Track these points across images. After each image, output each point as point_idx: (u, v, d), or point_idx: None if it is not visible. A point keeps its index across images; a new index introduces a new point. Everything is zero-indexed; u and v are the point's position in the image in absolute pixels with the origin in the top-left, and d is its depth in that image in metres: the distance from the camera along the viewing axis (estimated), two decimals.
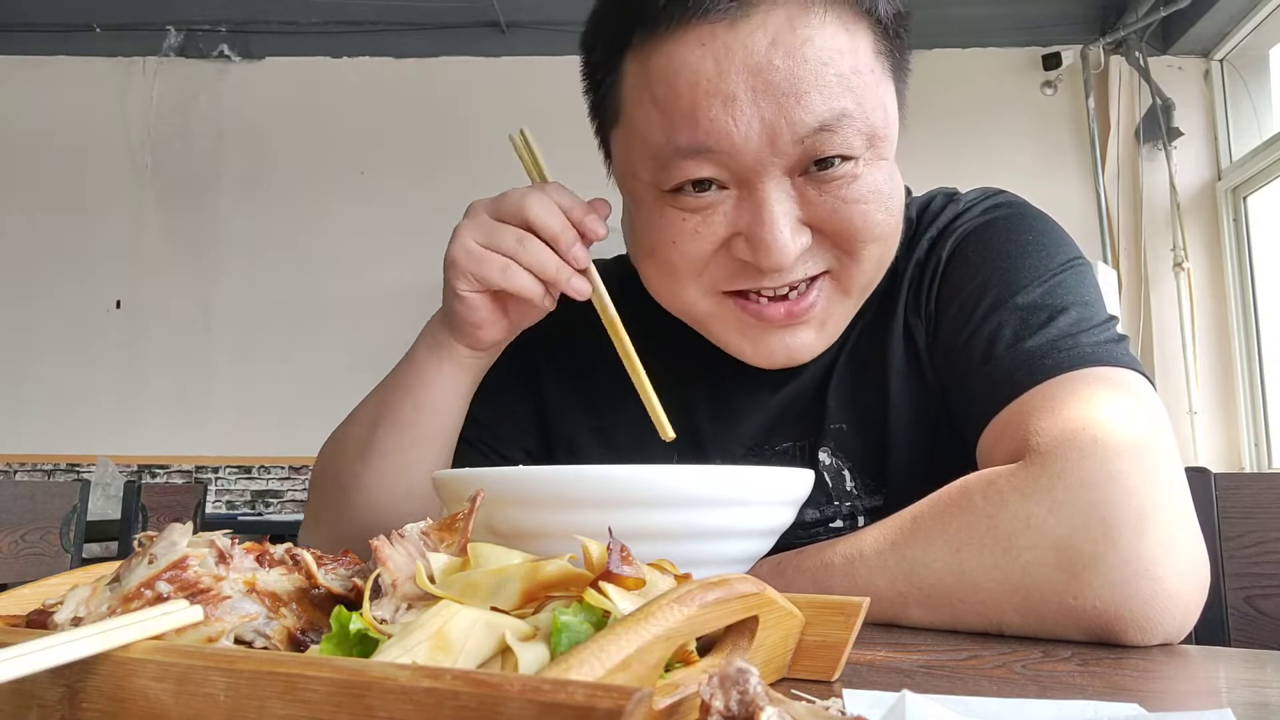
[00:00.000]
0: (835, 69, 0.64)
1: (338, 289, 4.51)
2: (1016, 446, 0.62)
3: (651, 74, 0.66)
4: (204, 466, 4.52)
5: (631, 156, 0.70)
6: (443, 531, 0.40)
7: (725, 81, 0.63)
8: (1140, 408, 0.62)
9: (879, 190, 0.68)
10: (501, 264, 0.69)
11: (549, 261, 0.70)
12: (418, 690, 0.24)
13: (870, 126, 0.66)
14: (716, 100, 0.63)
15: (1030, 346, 0.68)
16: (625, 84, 0.69)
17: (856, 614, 0.42)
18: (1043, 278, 0.72)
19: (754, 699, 0.24)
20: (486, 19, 4.48)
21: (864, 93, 0.65)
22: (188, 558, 0.35)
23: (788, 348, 0.72)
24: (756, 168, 0.65)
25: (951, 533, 0.60)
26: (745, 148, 0.64)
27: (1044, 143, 4.39)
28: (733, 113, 0.63)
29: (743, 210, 0.67)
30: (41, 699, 0.29)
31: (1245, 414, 4.01)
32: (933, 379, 0.76)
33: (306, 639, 0.36)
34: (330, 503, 0.81)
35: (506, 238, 0.70)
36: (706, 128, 0.64)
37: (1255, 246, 4.04)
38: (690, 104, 0.64)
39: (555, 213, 0.70)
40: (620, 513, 0.49)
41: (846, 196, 0.67)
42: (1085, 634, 0.56)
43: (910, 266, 0.79)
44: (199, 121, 4.67)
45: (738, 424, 0.81)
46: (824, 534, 0.77)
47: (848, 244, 0.69)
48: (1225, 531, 0.99)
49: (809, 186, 0.66)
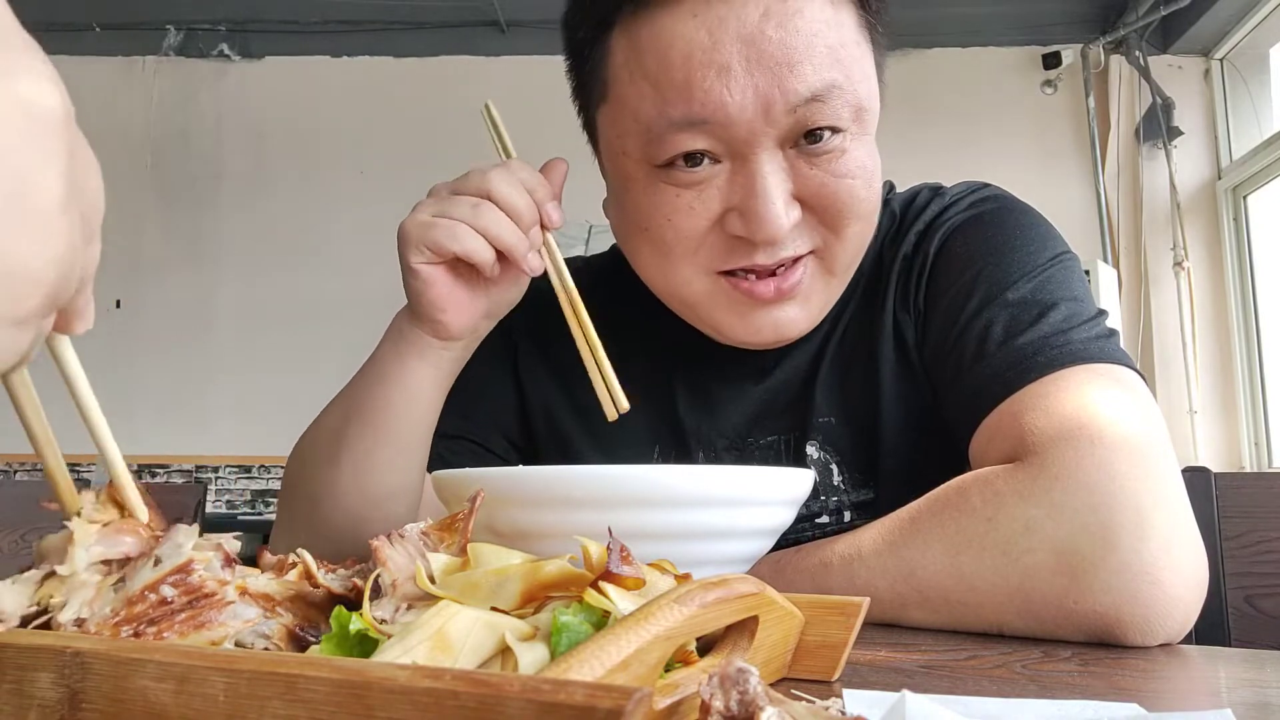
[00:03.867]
0: (824, 41, 0.65)
1: (338, 289, 4.50)
2: (1012, 446, 0.62)
3: (642, 47, 0.66)
4: (204, 466, 4.52)
5: (621, 132, 0.70)
6: (443, 531, 0.40)
7: (719, 52, 0.63)
8: (1134, 403, 0.62)
9: (864, 165, 0.69)
10: (450, 227, 0.67)
11: (506, 229, 0.67)
12: (418, 690, 0.24)
13: (857, 99, 0.67)
14: (711, 71, 0.64)
15: (1021, 344, 0.68)
16: (613, 60, 0.69)
17: (856, 614, 0.42)
18: (1031, 273, 0.72)
19: (754, 699, 0.24)
20: (486, 19, 4.47)
21: (851, 65, 0.66)
22: (193, 561, 0.35)
23: (776, 323, 0.73)
24: (749, 139, 0.65)
25: (950, 535, 0.59)
26: (740, 117, 0.64)
27: (1044, 142, 4.39)
28: (727, 82, 0.64)
29: (736, 184, 0.67)
30: (41, 699, 0.29)
31: (1245, 413, 4.01)
32: (923, 375, 0.76)
33: (306, 635, 0.36)
34: (301, 512, 0.77)
35: (461, 205, 0.68)
36: (701, 99, 0.64)
37: (1255, 246, 4.04)
38: (684, 75, 0.64)
39: (519, 189, 0.68)
40: (620, 513, 0.49)
41: (835, 170, 0.68)
42: (1086, 636, 0.56)
43: (897, 261, 0.79)
44: (199, 121, 4.67)
45: (721, 416, 0.81)
46: (810, 529, 0.77)
47: (834, 220, 0.70)
48: (1225, 531, 0.99)
49: (799, 159, 0.67)
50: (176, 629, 0.34)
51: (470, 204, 0.68)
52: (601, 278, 0.84)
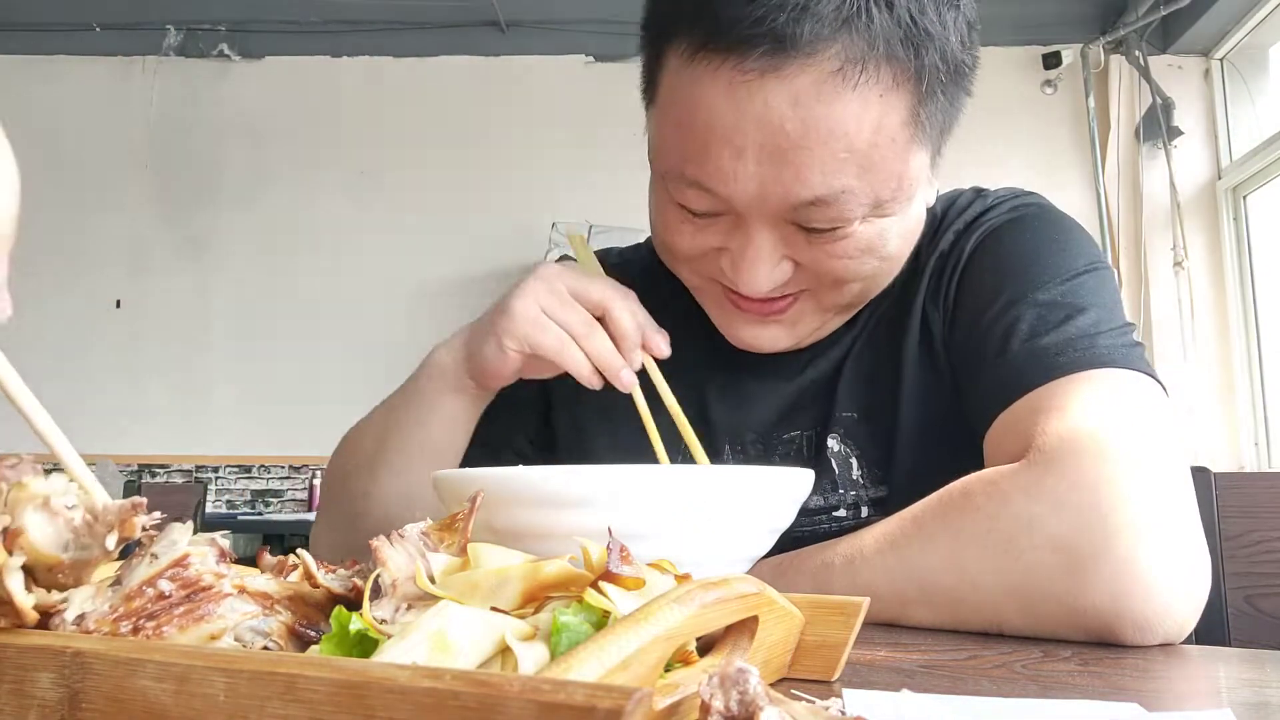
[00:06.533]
0: (846, 144, 0.63)
1: (338, 289, 4.50)
2: (1023, 444, 0.62)
3: (679, 93, 0.67)
4: (204, 466, 4.52)
5: (654, 144, 0.72)
6: (443, 531, 0.40)
7: (737, 133, 0.63)
8: (1151, 414, 0.62)
9: (871, 245, 0.69)
10: (561, 338, 0.70)
11: (610, 355, 0.70)
12: (418, 690, 0.24)
13: (874, 198, 0.66)
14: (726, 150, 0.64)
15: (1045, 343, 0.68)
16: (663, 75, 0.69)
17: (856, 614, 0.42)
18: (1064, 277, 0.72)
19: (754, 699, 0.24)
20: (486, 19, 4.47)
21: (878, 165, 0.64)
22: (189, 555, 0.35)
23: (756, 338, 0.75)
24: (747, 213, 0.67)
25: (952, 532, 0.59)
26: (740, 197, 0.66)
27: (1044, 142, 4.39)
28: (735, 166, 0.64)
29: (733, 236, 0.69)
30: (42, 699, 0.29)
31: (1245, 414, 4.01)
32: (947, 371, 0.77)
33: (307, 632, 0.36)
34: (342, 513, 0.83)
35: (577, 318, 0.70)
36: (711, 171, 0.65)
37: (1255, 245, 4.04)
38: (703, 143, 0.65)
39: (634, 317, 0.71)
40: (620, 513, 0.49)
41: (833, 251, 0.68)
42: (1085, 633, 0.56)
43: (933, 258, 0.79)
44: (199, 121, 4.67)
45: (750, 410, 0.82)
46: (826, 522, 0.78)
47: (826, 284, 0.71)
48: (1225, 531, 0.99)
49: (798, 234, 0.68)
50: (175, 623, 0.34)
51: (585, 320, 0.70)
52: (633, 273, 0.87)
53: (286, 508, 4.49)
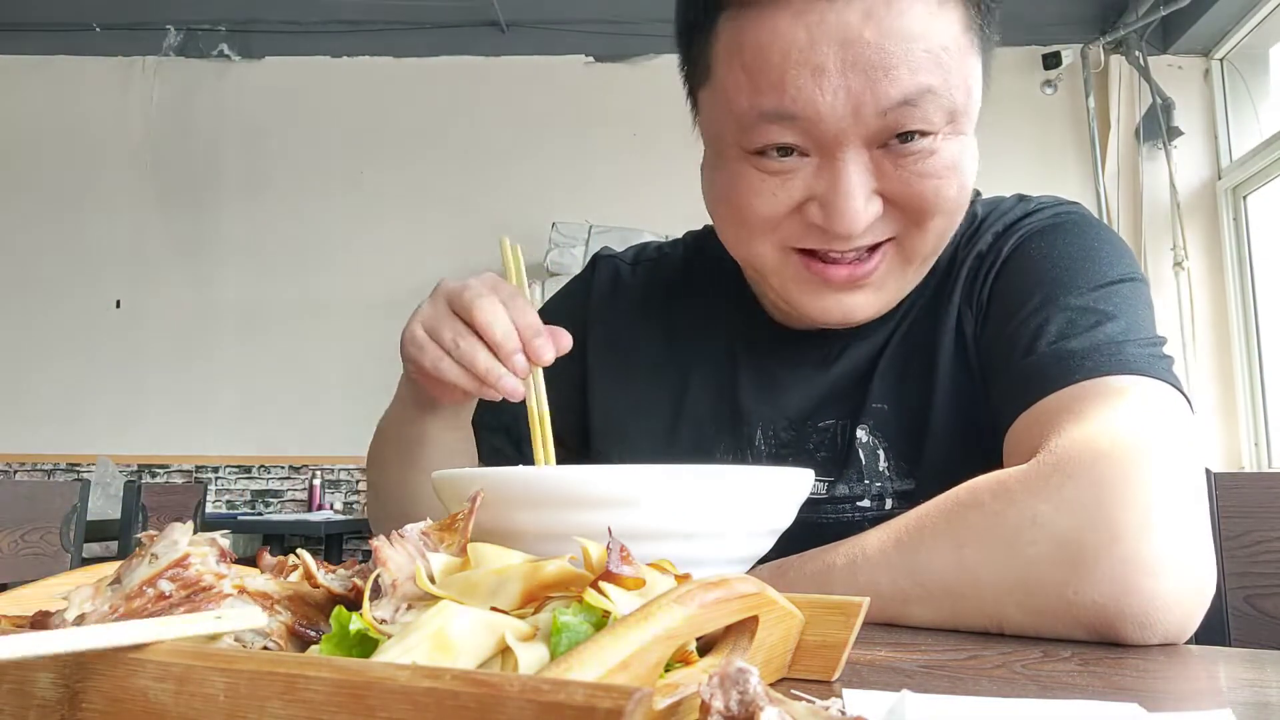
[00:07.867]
0: (924, 44, 0.65)
1: (338, 289, 4.51)
2: (1039, 442, 0.62)
3: (744, 40, 0.67)
4: (204, 466, 4.53)
5: (717, 116, 0.72)
6: (443, 531, 0.40)
7: (815, 52, 0.64)
8: (1171, 424, 0.62)
9: (953, 165, 0.69)
10: (436, 355, 0.69)
11: (485, 364, 0.67)
12: (418, 690, 0.24)
13: (952, 102, 0.67)
14: (805, 70, 0.65)
15: (1072, 347, 0.68)
16: (717, 46, 0.70)
17: (856, 614, 0.42)
18: (1098, 284, 0.73)
19: (754, 699, 0.24)
20: (486, 19, 4.47)
21: (950, 69, 0.66)
22: (189, 555, 0.35)
23: (844, 307, 0.74)
24: (838, 137, 0.67)
25: (956, 530, 0.60)
26: (830, 116, 0.65)
27: (1044, 142, 4.39)
28: (820, 83, 0.65)
29: (820, 177, 0.69)
30: (42, 699, 0.29)
31: (1245, 413, 4.01)
32: (977, 370, 0.77)
33: (307, 631, 0.36)
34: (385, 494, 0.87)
35: (445, 331, 0.69)
36: (793, 95, 0.65)
37: (1255, 246, 4.04)
38: (780, 73, 0.65)
39: (501, 320, 0.67)
40: (620, 513, 0.49)
41: (921, 171, 0.68)
42: (1085, 631, 0.56)
43: (970, 257, 0.80)
44: (199, 121, 4.67)
45: (783, 399, 0.83)
46: (850, 511, 0.78)
47: (915, 215, 0.71)
48: (1225, 531, 0.99)
49: (885, 159, 0.68)
50: None
51: (453, 333, 0.68)
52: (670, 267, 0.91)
53: (286, 508, 4.50)
